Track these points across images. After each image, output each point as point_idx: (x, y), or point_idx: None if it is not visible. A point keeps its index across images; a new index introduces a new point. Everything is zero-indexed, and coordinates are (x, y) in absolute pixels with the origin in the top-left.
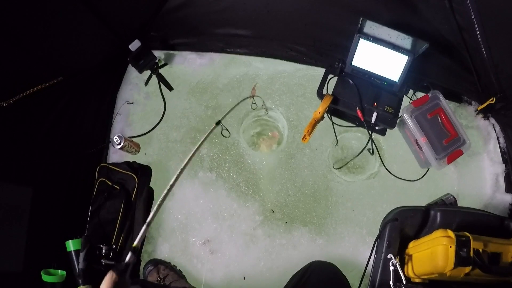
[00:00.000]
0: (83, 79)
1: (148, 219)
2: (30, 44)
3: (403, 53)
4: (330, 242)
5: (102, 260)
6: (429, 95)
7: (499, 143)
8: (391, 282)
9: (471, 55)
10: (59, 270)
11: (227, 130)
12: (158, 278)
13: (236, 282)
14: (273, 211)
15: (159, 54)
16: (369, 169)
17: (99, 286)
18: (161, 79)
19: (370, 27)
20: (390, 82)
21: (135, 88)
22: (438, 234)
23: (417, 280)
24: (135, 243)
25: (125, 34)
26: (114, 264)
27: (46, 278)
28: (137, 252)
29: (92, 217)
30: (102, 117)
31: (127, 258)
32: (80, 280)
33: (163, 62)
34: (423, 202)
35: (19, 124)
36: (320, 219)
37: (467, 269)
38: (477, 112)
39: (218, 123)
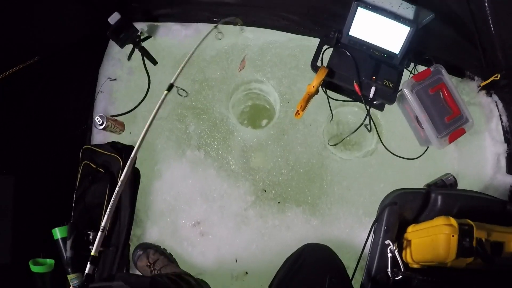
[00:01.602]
0: (62, 57)
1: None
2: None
3: (405, 23)
4: (325, 223)
5: (91, 246)
6: (431, 69)
7: (501, 122)
8: (388, 269)
9: (478, 28)
10: (48, 259)
11: (184, 89)
12: (148, 263)
13: (228, 265)
14: (265, 191)
15: (141, 26)
16: (366, 146)
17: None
18: (144, 53)
19: None
20: (390, 55)
21: (118, 63)
22: (440, 221)
23: (415, 266)
24: (93, 251)
25: (104, 6)
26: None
27: (34, 268)
28: (96, 261)
29: (77, 203)
30: (84, 96)
31: (86, 269)
32: (69, 269)
33: (146, 35)
34: (422, 181)
35: None
36: (314, 198)
37: (469, 259)
38: (480, 88)
39: (170, 88)
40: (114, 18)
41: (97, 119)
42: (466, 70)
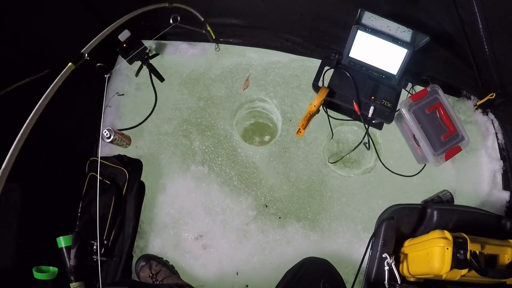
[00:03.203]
0: (71, 70)
1: None
2: (15, 36)
3: (402, 46)
4: (325, 238)
5: (94, 256)
6: (428, 89)
7: (497, 139)
8: (385, 282)
9: (472, 50)
10: (51, 267)
11: (102, 65)
12: (150, 274)
13: (229, 278)
14: (267, 206)
15: (150, 44)
16: (365, 163)
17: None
18: (152, 70)
19: (369, 18)
20: (388, 75)
21: (126, 79)
22: (435, 235)
23: (411, 279)
24: None
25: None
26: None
27: (37, 275)
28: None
29: (82, 213)
30: (92, 109)
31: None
32: (72, 277)
33: (154, 52)
34: (419, 198)
35: (5, 119)
36: (314, 214)
37: (464, 271)
38: (476, 107)
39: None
40: (124, 35)
41: (105, 132)
42: (463, 90)
